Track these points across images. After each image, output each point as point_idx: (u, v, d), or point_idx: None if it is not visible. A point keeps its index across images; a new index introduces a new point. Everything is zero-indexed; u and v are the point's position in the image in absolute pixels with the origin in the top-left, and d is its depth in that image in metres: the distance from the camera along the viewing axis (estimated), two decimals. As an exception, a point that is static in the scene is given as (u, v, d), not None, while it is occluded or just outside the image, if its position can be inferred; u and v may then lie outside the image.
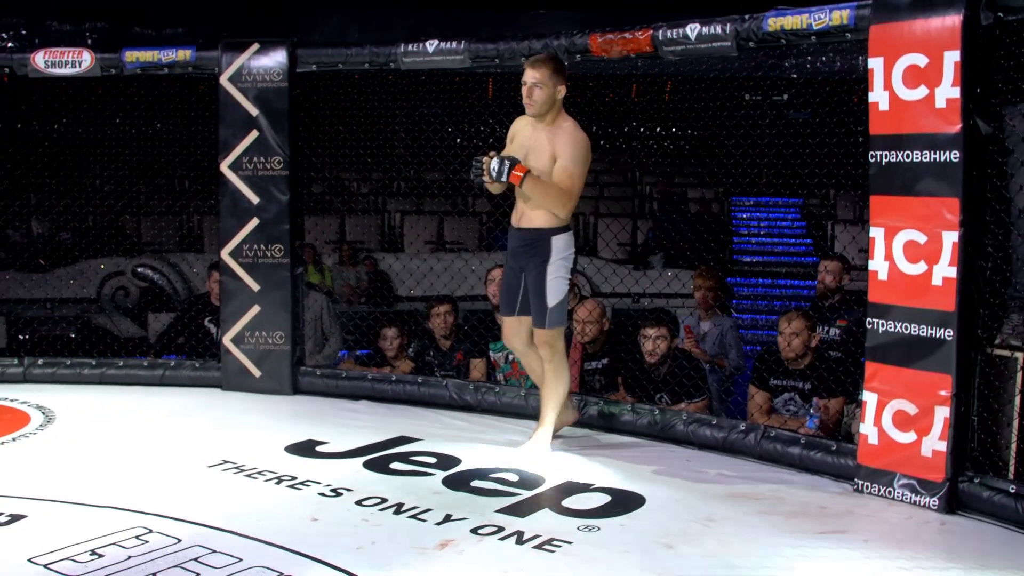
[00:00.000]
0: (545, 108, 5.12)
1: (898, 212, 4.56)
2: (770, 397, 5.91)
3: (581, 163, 5.11)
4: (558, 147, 5.10)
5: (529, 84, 5.10)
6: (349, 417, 6.16)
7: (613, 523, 4.32)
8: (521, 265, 5.30)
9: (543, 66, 5.11)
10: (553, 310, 5.21)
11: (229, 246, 6.74)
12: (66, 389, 6.77)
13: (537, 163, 5.12)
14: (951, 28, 4.31)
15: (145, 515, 4.27)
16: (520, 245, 5.26)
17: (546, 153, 5.12)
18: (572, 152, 5.09)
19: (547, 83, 5.08)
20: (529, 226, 5.21)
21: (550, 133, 5.14)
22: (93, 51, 6.82)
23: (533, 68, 5.11)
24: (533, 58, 5.22)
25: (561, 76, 5.13)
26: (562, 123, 5.17)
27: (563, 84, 5.13)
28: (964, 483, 4.45)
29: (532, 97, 5.10)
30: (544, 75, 5.08)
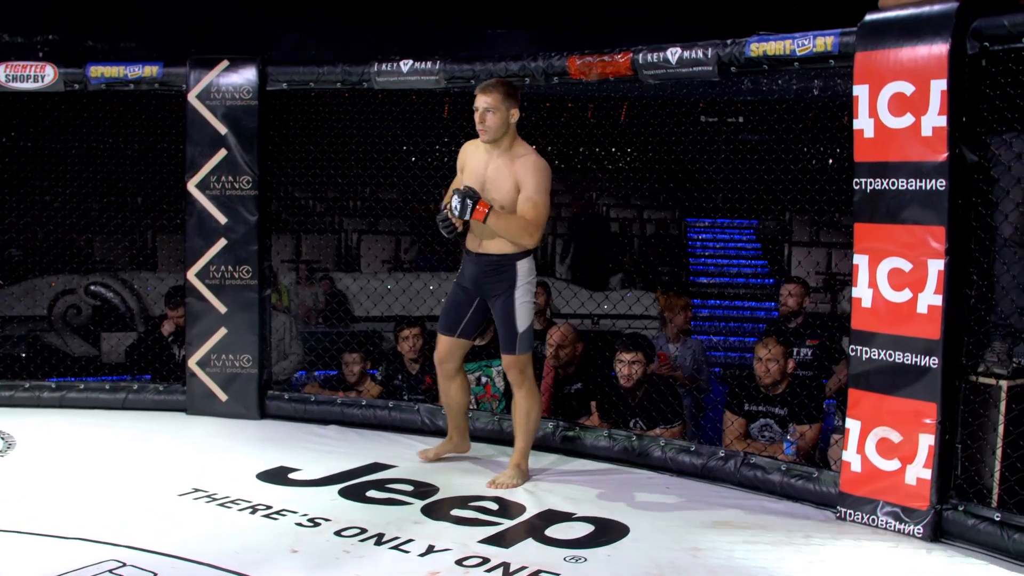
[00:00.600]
0: (499, 133, 5.03)
1: (883, 239, 4.56)
2: (746, 423, 5.88)
3: (545, 192, 5.03)
4: (521, 177, 5.01)
5: (481, 109, 5.01)
6: (320, 443, 6.03)
7: (599, 553, 4.25)
8: (480, 291, 5.24)
9: (494, 90, 5.02)
10: (523, 335, 5.16)
11: (196, 267, 6.59)
12: (25, 413, 6.57)
13: (498, 194, 5.04)
14: (938, 57, 4.31)
15: (117, 547, 4.14)
16: (482, 271, 5.17)
17: (507, 182, 5.03)
18: (536, 182, 5.00)
19: (499, 107, 4.99)
20: (491, 252, 5.13)
21: (508, 161, 5.05)
22: (56, 65, 6.66)
23: (484, 93, 5.02)
24: (484, 83, 5.11)
25: (514, 100, 5.04)
26: (519, 150, 5.09)
27: (516, 108, 5.04)
28: (948, 511, 4.44)
29: (485, 123, 5.01)
30: (496, 99, 4.99)
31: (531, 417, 5.29)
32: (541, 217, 5.00)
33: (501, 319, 5.18)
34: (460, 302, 5.33)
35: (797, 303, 7.05)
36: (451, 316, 5.36)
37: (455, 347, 5.40)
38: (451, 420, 5.63)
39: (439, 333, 5.43)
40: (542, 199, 5.01)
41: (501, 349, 5.25)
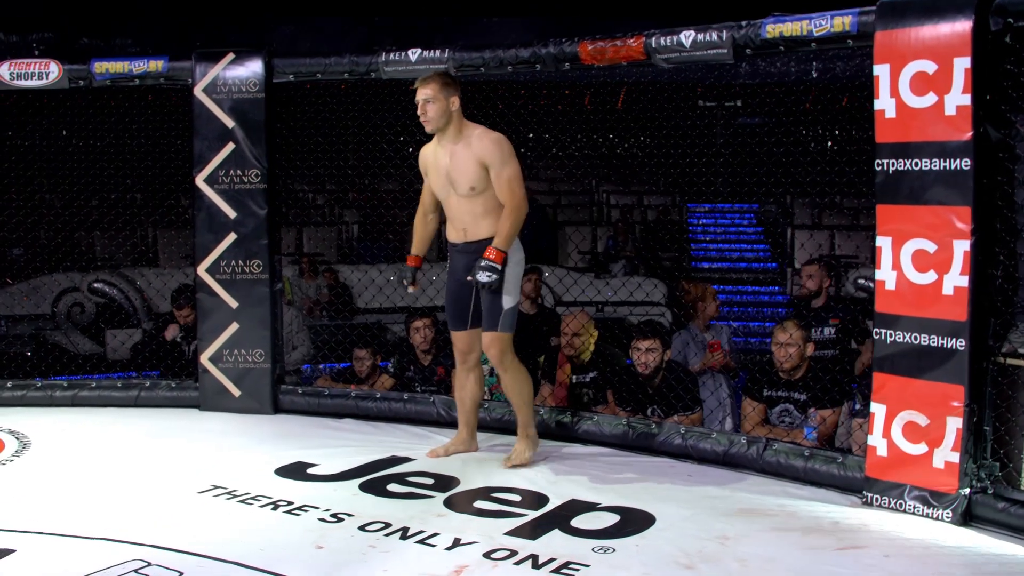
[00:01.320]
0: (442, 122, 5.17)
1: (906, 221, 4.50)
2: (765, 408, 5.83)
3: (512, 161, 5.16)
4: (483, 155, 5.13)
5: (421, 102, 5.16)
6: (335, 437, 6.00)
7: (628, 543, 4.20)
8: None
9: (431, 81, 5.17)
10: (507, 312, 5.22)
11: (206, 262, 6.54)
12: (38, 412, 6.53)
13: (464, 177, 5.16)
14: (961, 34, 4.25)
15: (141, 546, 4.09)
16: (474, 258, 5.19)
17: (470, 163, 5.15)
18: (499, 154, 5.13)
19: (438, 97, 5.13)
20: (478, 238, 5.23)
21: (464, 145, 5.19)
22: (60, 62, 6.59)
23: (423, 86, 5.17)
24: (421, 76, 5.26)
25: (451, 88, 5.17)
26: (470, 131, 5.22)
27: (455, 95, 5.18)
28: (977, 494, 4.40)
29: (427, 113, 5.16)
30: (434, 90, 5.13)
31: (524, 391, 5.40)
32: (517, 188, 5.14)
33: (488, 296, 5.22)
34: (460, 295, 5.37)
35: (816, 283, 6.95)
36: (458, 310, 5.42)
37: (473, 338, 5.44)
38: (463, 416, 5.64)
39: (452, 331, 5.49)
40: (512, 169, 5.15)
41: (484, 326, 5.29)
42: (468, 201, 5.19)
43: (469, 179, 5.15)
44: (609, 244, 14.77)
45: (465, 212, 5.23)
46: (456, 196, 5.22)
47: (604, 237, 14.96)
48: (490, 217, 5.20)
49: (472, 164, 5.14)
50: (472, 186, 5.15)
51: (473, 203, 5.19)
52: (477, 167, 5.13)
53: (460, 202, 5.22)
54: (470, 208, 5.21)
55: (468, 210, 5.22)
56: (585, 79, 12.02)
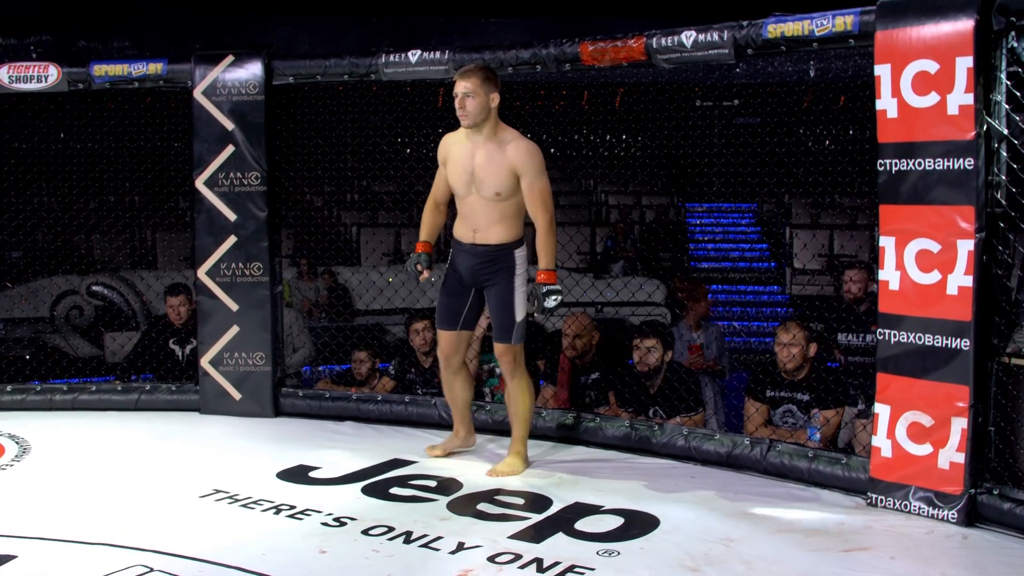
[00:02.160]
0: (480, 118, 5.00)
1: (910, 221, 4.49)
2: (768, 409, 5.82)
3: (544, 173, 5.05)
4: (517, 164, 4.99)
5: (461, 95, 4.99)
6: (337, 440, 5.97)
7: (632, 546, 4.19)
8: (479, 281, 5.22)
9: (473, 75, 4.99)
10: (519, 325, 5.17)
11: (206, 265, 6.52)
12: (37, 416, 6.50)
13: (490, 180, 5.03)
14: (963, 33, 4.24)
15: (143, 552, 4.07)
16: (480, 262, 5.15)
17: (501, 169, 5.00)
18: (534, 166, 5.01)
19: (478, 92, 4.96)
20: (487, 242, 5.12)
21: (497, 147, 5.03)
22: (59, 65, 6.57)
23: (463, 78, 5.00)
24: (462, 68, 5.09)
25: (493, 84, 5.01)
26: (505, 136, 5.07)
27: (496, 92, 5.03)
28: (983, 495, 4.38)
29: (465, 108, 4.98)
30: (475, 84, 4.96)
31: (527, 405, 5.32)
32: (549, 201, 5.05)
33: (499, 308, 5.15)
34: (456, 295, 5.31)
35: (861, 289, 6.80)
36: (450, 310, 5.34)
37: (459, 341, 5.38)
38: (456, 414, 5.61)
39: (440, 329, 5.41)
40: (544, 182, 5.04)
41: (495, 338, 5.23)
42: (488, 204, 5.06)
43: (497, 184, 5.03)
44: (608, 244, 14.77)
45: (481, 215, 5.09)
46: (477, 196, 5.09)
47: (603, 237, 14.96)
48: (504, 224, 5.09)
49: (504, 169, 5.01)
50: (498, 191, 5.02)
51: (493, 208, 5.06)
52: (508, 173, 5.01)
53: (479, 203, 5.09)
54: (487, 212, 5.08)
55: (485, 213, 5.08)
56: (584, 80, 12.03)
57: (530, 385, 5.36)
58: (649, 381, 5.99)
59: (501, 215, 5.07)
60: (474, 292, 5.26)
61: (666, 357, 6.01)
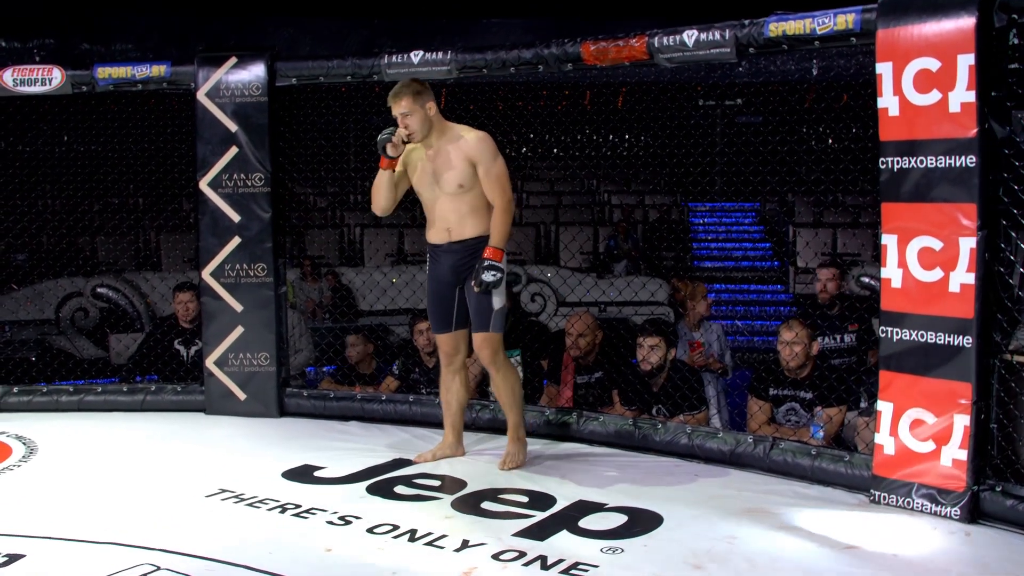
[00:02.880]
0: (425, 131, 5.16)
1: (912, 219, 4.49)
2: (771, 407, 5.83)
3: (499, 158, 5.20)
4: (470, 153, 5.14)
5: (400, 116, 5.14)
6: (341, 439, 5.99)
7: (636, 544, 4.20)
8: (458, 277, 5.29)
9: (404, 95, 5.13)
10: (497, 313, 5.24)
11: (210, 266, 6.54)
12: (44, 418, 6.52)
13: (451, 174, 5.16)
14: (964, 31, 4.25)
15: (150, 551, 4.09)
16: (460, 258, 5.24)
17: (459, 161, 5.15)
18: (487, 151, 5.16)
19: (414, 108, 5.11)
20: (463, 238, 5.23)
21: (451, 144, 5.18)
22: (63, 68, 6.59)
23: (395, 101, 5.14)
24: (391, 92, 5.21)
25: (425, 95, 5.16)
26: (453, 132, 5.23)
27: (431, 101, 5.17)
28: (985, 492, 4.39)
29: (410, 127, 5.13)
30: (408, 102, 5.12)
31: (515, 391, 5.40)
32: (507, 184, 5.19)
33: (476, 297, 5.22)
34: (443, 297, 5.37)
35: (836, 287, 6.76)
36: (441, 313, 5.41)
37: (458, 339, 5.45)
38: (448, 418, 5.60)
39: (436, 333, 5.49)
40: (499, 166, 5.18)
41: (473, 327, 5.31)
42: (454, 199, 5.18)
43: (457, 176, 5.15)
44: (610, 244, 14.78)
45: (450, 211, 5.20)
46: (442, 194, 5.20)
47: (605, 237, 14.97)
48: (475, 216, 5.20)
49: (460, 161, 5.14)
50: (460, 183, 5.15)
51: (459, 201, 5.18)
52: (465, 164, 5.14)
53: (446, 200, 5.20)
54: (456, 207, 5.19)
55: (454, 208, 5.19)
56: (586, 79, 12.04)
57: (515, 372, 5.46)
58: (652, 379, 6.00)
59: (471, 208, 5.19)
60: (459, 291, 5.34)
61: (669, 355, 6.03)
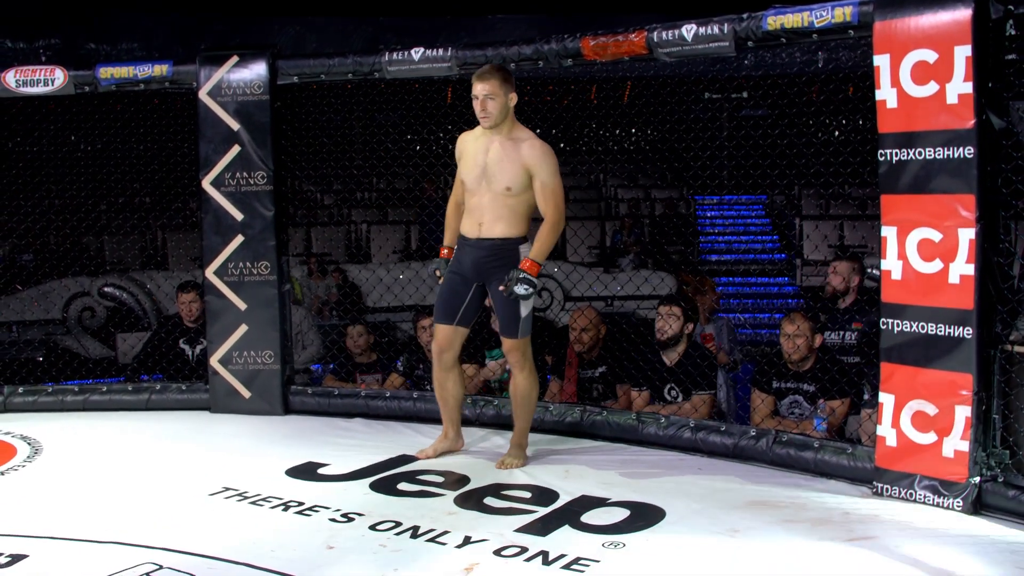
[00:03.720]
0: (500, 118, 5.08)
1: (911, 210, 4.50)
2: (774, 400, 5.84)
3: (557, 174, 5.11)
4: (531, 163, 5.06)
5: (481, 97, 5.06)
6: (346, 436, 6.01)
7: (637, 538, 4.21)
8: (480, 276, 5.25)
9: (492, 76, 5.06)
10: (525, 319, 5.19)
11: (213, 264, 6.56)
12: (49, 417, 6.55)
13: (503, 175, 5.09)
14: (961, 23, 4.25)
15: (152, 549, 4.10)
16: (484, 256, 5.19)
17: (515, 165, 5.07)
18: (548, 166, 5.08)
19: (498, 93, 5.04)
20: (492, 236, 5.16)
21: (512, 145, 5.11)
22: (66, 68, 6.62)
23: (482, 81, 5.06)
24: (480, 70, 5.14)
25: (510, 84, 5.10)
26: (520, 134, 5.15)
27: (513, 92, 5.11)
28: (987, 483, 4.39)
29: (487, 109, 5.06)
30: (494, 86, 5.04)
31: (532, 398, 5.37)
32: (561, 206, 5.09)
33: (504, 303, 5.16)
34: (457, 289, 5.32)
35: (844, 283, 6.50)
36: (449, 304, 5.35)
37: (455, 336, 5.38)
38: (446, 414, 5.56)
39: (437, 323, 5.41)
40: (557, 182, 5.09)
41: (502, 333, 5.28)
42: (497, 199, 5.12)
43: (508, 178, 5.08)
44: (616, 238, 14.76)
45: (488, 208, 5.13)
46: (488, 190, 5.14)
47: (612, 232, 14.95)
48: (510, 219, 5.13)
49: (516, 166, 5.07)
50: (509, 186, 5.08)
51: (502, 202, 5.11)
52: (521, 170, 5.07)
53: (488, 197, 5.14)
54: (495, 206, 5.12)
55: (493, 208, 5.13)
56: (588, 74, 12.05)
57: (537, 380, 5.41)
58: (667, 352, 6.00)
59: (510, 210, 5.12)
60: (475, 288, 5.29)
61: (686, 329, 6.03)
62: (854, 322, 6.36)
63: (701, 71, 6.94)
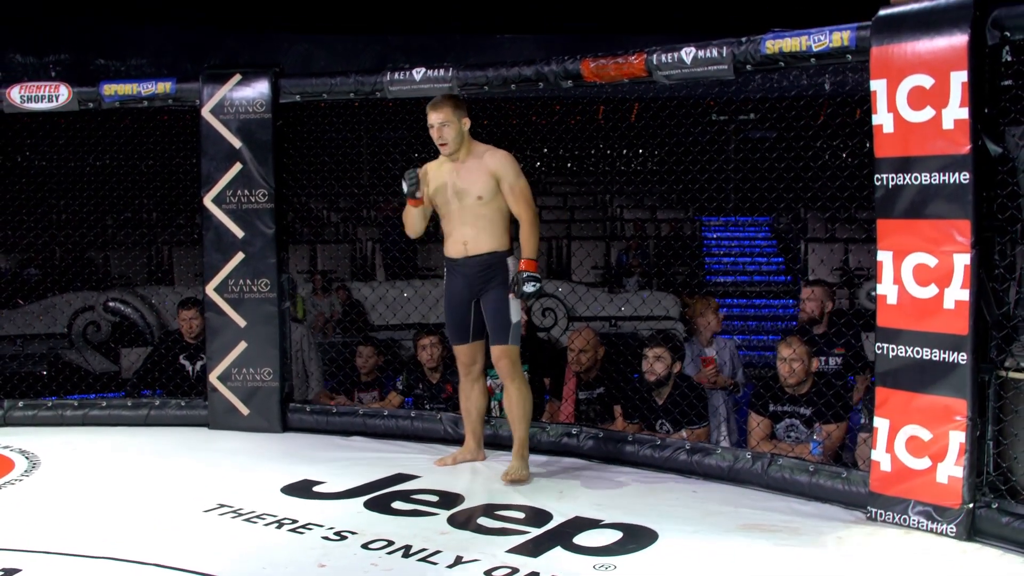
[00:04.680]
0: (457, 143, 5.32)
1: (907, 235, 4.50)
2: (771, 424, 5.83)
3: (521, 175, 5.35)
4: (494, 168, 5.30)
5: (437, 126, 5.31)
6: (343, 454, 6.01)
7: (629, 560, 4.20)
8: (472, 291, 5.41)
9: (444, 105, 5.32)
10: (515, 326, 5.36)
11: (214, 281, 6.58)
12: (48, 432, 6.57)
13: (474, 187, 5.31)
14: (957, 48, 4.25)
15: (145, 565, 4.11)
16: (476, 271, 5.36)
17: (482, 174, 5.30)
18: (511, 169, 5.31)
19: (452, 119, 5.29)
20: (480, 252, 5.36)
21: (475, 160, 5.34)
22: (70, 85, 6.66)
23: (435, 110, 5.32)
24: (432, 101, 5.39)
25: (462, 110, 5.35)
26: (478, 150, 5.38)
27: (466, 116, 5.35)
28: (981, 509, 4.38)
29: (443, 136, 5.30)
30: (447, 113, 5.29)
31: (526, 407, 5.46)
32: (530, 199, 5.34)
33: (494, 310, 5.35)
34: (459, 310, 5.49)
35: (819, 308, 6.51)
36: (458, 325, 5.52)
37: (476, 350, 5.57)
38: (469, 425, 5.74)
39: (454, 345, 5.60)
40: (523, 182, 5.34)
41: (492, 340, 5.41)
42: (472, 211, 5.31)
43: (478, 188, 5.29)
44: (622, 259, 14.77)
45: (469, 223, 5.33)
46: (461, 207, 5.33)
47: (617, 252, 14.97)
48: (492, 231, 5.34)
49: (483, 175, 5.28)
50: (480, 195, 5.29)
51: (478, 215, 5.30)
52: (488, 178, 5.28)
53: (464, 212, 5.33)
54: (474, 219, 5.32)
55: (472, 221, 5.32)
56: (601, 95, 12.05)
57: (529, 388, 5.51)
58: (656, 392, 6.01)
59: (489, 222, 5.32)
60: (474, 303, 5.45)
61: (674, 368, 6.03)
62: (836, 347, 6.35)
63: (709, 93, 6.95)
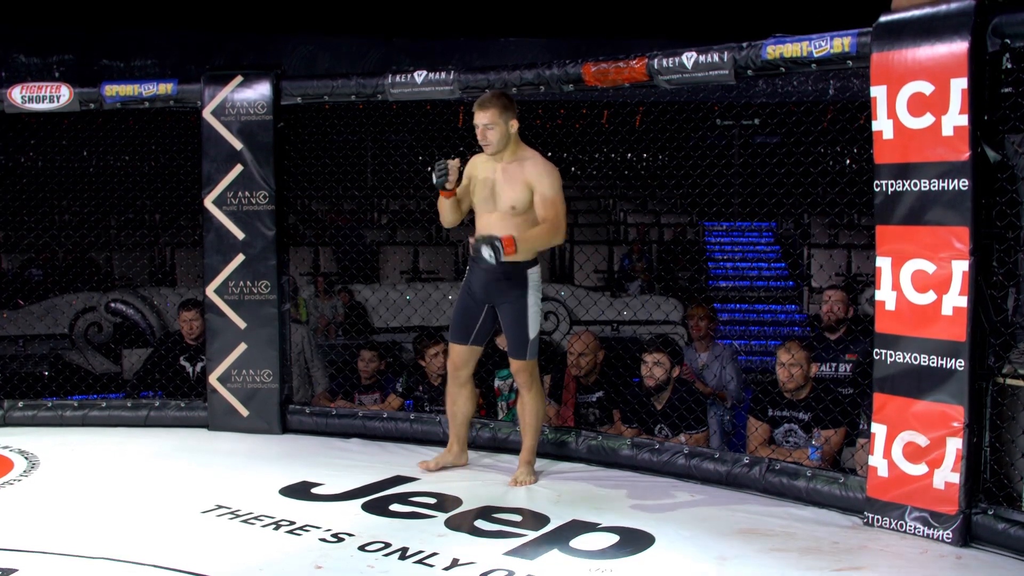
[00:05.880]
0: (501, 145, 5.19)
1: (906, 241, 4.51)
2: (770, 428, 5.83)
3: (559, 190, 5.18)
4: (532, 178, 5.16)
5: (481, 126, 5.18)
6: (342, 457, 6.01)
7: (626, 564, 4.21)
8: (490, 298, 5.35)
9: (491, 106, 5.18)
10: (533, 341, 5.31)
11: (214, 283, 6.59)
12: (48, 432, 6.57)
13: (511, 193, 5.19)
14: (958, 55, 4.26)
15: (142, 566, 4.12)
16: (494, 278, 5.28)
17: (518, 183, 5.18)
18: (549, 181, 5.16)
19: (498, 121, 5.15)
20: (504, 259, 5.17)
21: (517, 165, 5.21)
22: (71, 85, 6.67)
23: (482, 110, 5.18)
24: (480, 99, 5.25)
25: (511, 112, 5.20)
26: (524, 154, 5.25)
27: (514, 118, 5.21)
28: (978, 515, 4.38)
29: (487, 138, 5.19)
30: (493, 115, 5.15)
31: (539, 416, 5.48)
32: (560, 214, 5.16)
33: (512, 324, 5.30)
34: (470, 310, 5.44)
35: (840, 311, 6.51)
36: (463, 324, 5.48)
37: (470, 355, 5.54)
38: (454, 430, 5.72)
39: (452, 343, 5.56)
40: (558, 196, 5.18)
41: (511, 354, 5.38)
42: (504, 219, 5.21)
43: (513, 197, 5.18)
44: (625, 263, 14.76)
45: (497, 230, 5.18)
46: (495, 212, 5.25)
47: (620, 256, 14.96)
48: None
49: (519, 184, 5.18)
50: (513, 205, 5.19)
51: (508, 223, 5.18)
52: (523, 187, 5.17)
53: (495, 218, 5.24)
54: (504, 227, 5.17)
55: (502, 228, 5.18)
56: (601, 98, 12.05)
57: (544, 399, 5.54)
58: (655, 397, 6.01)
59: (518, 231, 5.15)
60: (487, 309, 5.40)
61: (673, 373, 6.04)
62: (848, 353, 6.34)
63: (713, 97, 6.96)
